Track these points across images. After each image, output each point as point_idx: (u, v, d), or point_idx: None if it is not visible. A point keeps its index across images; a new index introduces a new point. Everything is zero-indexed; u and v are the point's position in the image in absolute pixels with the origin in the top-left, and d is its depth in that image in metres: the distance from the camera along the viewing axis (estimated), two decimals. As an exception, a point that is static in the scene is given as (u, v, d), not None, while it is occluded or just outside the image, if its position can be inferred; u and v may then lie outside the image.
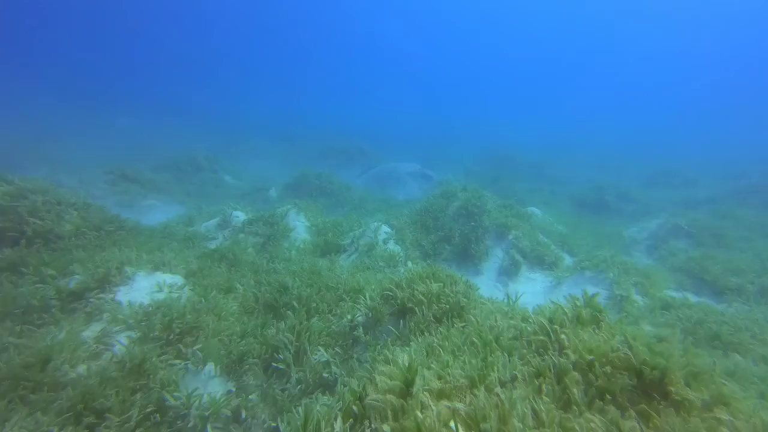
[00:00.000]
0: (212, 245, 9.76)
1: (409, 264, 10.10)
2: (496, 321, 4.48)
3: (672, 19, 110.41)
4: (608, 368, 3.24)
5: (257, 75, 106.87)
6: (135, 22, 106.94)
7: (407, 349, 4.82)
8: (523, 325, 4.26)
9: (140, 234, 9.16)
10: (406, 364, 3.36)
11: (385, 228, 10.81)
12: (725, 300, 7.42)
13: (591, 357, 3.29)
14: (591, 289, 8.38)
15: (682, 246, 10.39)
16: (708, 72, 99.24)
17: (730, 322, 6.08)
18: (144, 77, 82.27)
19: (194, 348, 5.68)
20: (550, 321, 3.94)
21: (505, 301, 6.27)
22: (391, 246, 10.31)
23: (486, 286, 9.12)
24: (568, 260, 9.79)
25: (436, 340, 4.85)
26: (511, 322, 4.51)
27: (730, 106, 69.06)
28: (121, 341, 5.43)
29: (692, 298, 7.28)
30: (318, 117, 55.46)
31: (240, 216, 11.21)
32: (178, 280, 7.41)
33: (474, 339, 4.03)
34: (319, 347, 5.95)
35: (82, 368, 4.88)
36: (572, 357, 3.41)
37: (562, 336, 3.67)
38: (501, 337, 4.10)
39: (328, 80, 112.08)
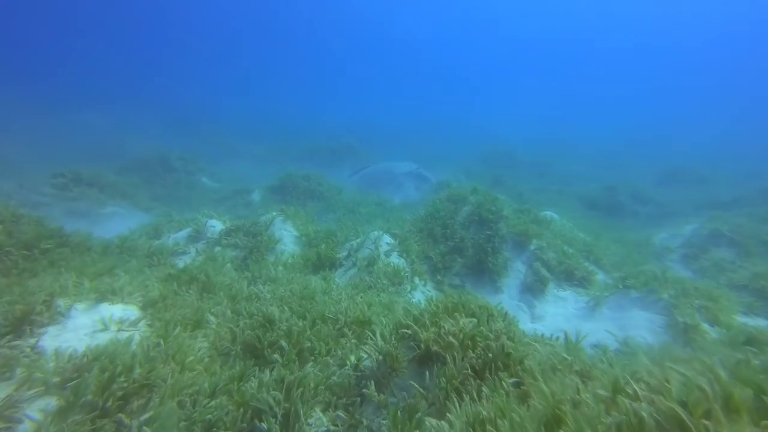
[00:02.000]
0: (181, 262, 8.15)
1: (416, 280, 8.72)
2: (578, 393, 3.09)
3: (675, 8, 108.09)
4: None
5: (238, 70, 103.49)
6: (108, 9, 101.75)
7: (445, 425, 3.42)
8: (624, 401, 2.87)
9: (90, 251, 7.49)
10: None
11: (386, 238, 9.38)
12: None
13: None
14: (641, 314, 7.20)
15: (725, 255, 9.30)
16: (708, 67, 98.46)
17: None
18: (115, 68, 78.00)
19: (142, 418, 4.12)
20: (683, 406, 2.55)
21: (557, 338, 4.92)
22: (395, 259, 8.89)
23: (509, 306, 7.80)
24: (600, 275, 8.58)
25: (484, 413, 3.44)
26: (600, 393, 3.12)
27: (731, 101, 68.51)
28: (32, 416, 3.83)
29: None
30: (304, 114, 53.67)
31: (216, 225, 9.60)
32: (131, 313, 5.82)
33: (564, 434, 2.62)
34: (316, 408, 4.48)
35: (-40, 471, 3.28)
36: (759, 489, 2.01)
37: (721, 441, 2.27)
38: (599, 427, 2.71)
39: (314, 75, 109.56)
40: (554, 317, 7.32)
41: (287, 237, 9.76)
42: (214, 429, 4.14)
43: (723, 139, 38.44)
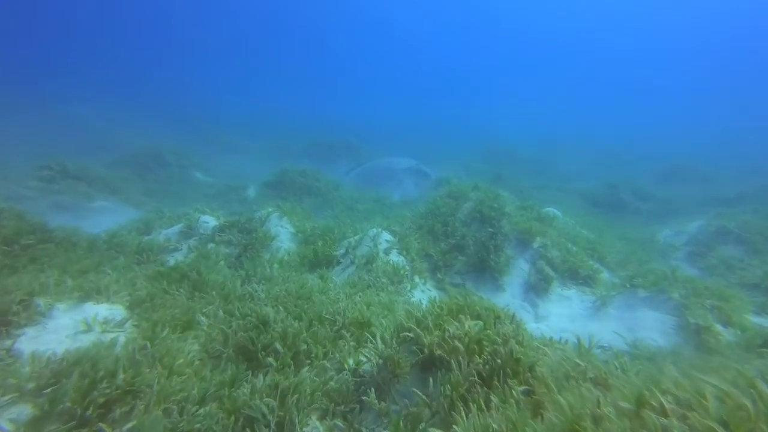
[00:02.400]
0: (172, 259, 7.84)
1: (416, 279, 8.46)
2: (599, 406, 2.83)
3: (676, 8, 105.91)
4: None
5: (239, 69, 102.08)
6: (110, 9, 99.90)
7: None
8: (651, 417, 2.61)
9: (76, 247, 7.15)
10: None
11: (385, 235, 9.11)
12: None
13: None
14: (650, 314, 6.98)
15: (733, 253, 9.09)
16: (708, 67, 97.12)
17: None
18: (106, 60, 76.44)
19: (125, 427, 3.84)
20: (723, 426, 2.30)
21: (565, 341, 4.67)
22: (394, 257, 8.62)
23: (511, 305, 7.53)
24: (605, 273, 8.36)
25: (494, 425, 3.19)
26: (622, 406, 2.87)
27: (732, 100, 67.70)
28: (2, 426, 3.54)
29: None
30: (300, 109, 53.13)
31: (210, 221, 9.28)
32: (117, 313, 5.52)
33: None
34: (312, 416, 4.21)
35: None
36: None
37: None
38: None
39: (314, 75, 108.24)
40: (559, 317, 7.09)
41: (283, 234, 9.47)
42: (203, 439, 3.86)
43: (724, 137, 38.27)
